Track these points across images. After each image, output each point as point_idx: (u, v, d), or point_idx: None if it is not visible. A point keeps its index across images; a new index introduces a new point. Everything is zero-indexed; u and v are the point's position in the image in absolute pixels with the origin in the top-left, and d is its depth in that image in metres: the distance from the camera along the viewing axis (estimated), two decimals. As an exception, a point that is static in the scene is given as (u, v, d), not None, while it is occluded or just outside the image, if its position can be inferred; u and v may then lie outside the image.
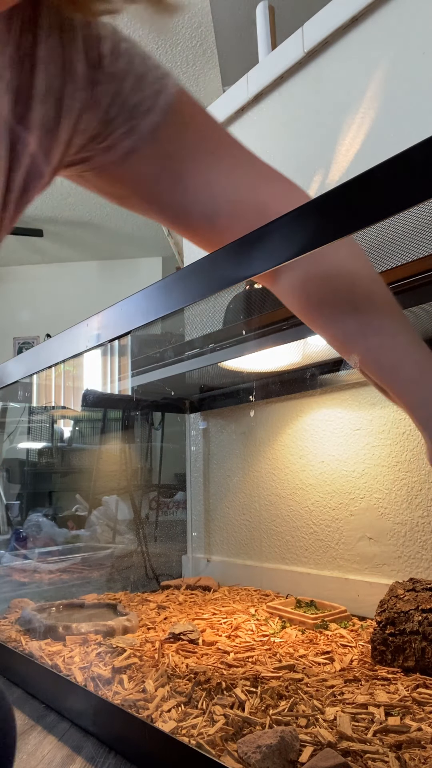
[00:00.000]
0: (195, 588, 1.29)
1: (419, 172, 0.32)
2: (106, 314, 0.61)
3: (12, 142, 0.40)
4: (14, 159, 0.40)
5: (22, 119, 0.40)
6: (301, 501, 1.21)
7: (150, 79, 0.45)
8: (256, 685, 0.68)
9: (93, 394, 1.40)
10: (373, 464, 1.07)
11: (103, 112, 0.44)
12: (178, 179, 0.47)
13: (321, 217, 0.38)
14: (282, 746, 0.52)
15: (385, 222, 0.36)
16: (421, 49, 1.01)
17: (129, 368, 1.29)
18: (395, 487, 1.03)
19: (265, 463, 1.31)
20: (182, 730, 0.58)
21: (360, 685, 0.68)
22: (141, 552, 1.49)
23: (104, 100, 0.43)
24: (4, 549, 1.90)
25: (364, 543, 1.08)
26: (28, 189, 0.43)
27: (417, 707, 0.61)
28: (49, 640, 0.91)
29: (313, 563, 1.18)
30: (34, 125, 0.41)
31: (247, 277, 0.43)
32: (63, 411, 2.49)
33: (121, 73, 0.44)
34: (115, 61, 0.44)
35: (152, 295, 0.53)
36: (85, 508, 2.18)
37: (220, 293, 0.50)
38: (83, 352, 0.67)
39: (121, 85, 0.44)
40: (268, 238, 0.41)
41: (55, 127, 0.42)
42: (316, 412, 1.20)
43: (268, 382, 1.28)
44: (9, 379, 0.88)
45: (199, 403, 1.49)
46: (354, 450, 1.11)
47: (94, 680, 0.73)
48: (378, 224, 0.35)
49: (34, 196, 0.44)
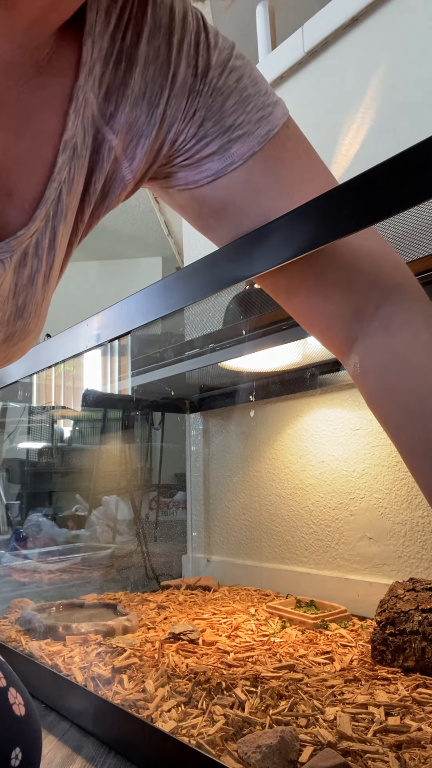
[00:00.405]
0: (195, 588, 1.29)
1: (419, 172, 0.32)
2: (106, 314, 0.61)
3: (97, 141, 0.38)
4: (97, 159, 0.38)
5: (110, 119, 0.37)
6: (301, 501, 1.21)
7: (256, 102, 0.42)
8: (256, 685, 0.68)
9: (93, 394, 1.40)
10: (373, 464, 1.07)
11: (197, 126, 0.41)
12: (265, 215, 0.42)
13: (321, 217, 0.38)
14: (282, 746, 0.52)
15: (385, 222, 0.36)
16: (421, 49, 1.01)
17: (129, 368, 1.29)
18: (395, 487, 1.03)
19: (265, 463, 1.31)
20: (182, 730, 0.58)
21: (360, 685, 0.68)
22: (141, 552, 1.49)
23: (201, 114, 0.40)
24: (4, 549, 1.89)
25: (364, 543, 1.08)
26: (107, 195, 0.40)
27: (417, 707, 0.61)
28: (49, 640, 0.91)
29: (313, 563, 1.18)
30: (122, 128, 0.38)
31: (247, 277, 0.43)
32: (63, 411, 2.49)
33: (227, 89, 0.41)
34: (223, 75, 0.41)
35: (152, 295, 0.53)
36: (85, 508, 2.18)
37: (220, 293, 0.50)
38: (83, 352, 0.67)
39: (224, 102, 0.41)
40: (268, 238, 0.41)
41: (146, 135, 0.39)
42: (316, 412, 1.20)
43: (268, 382, 1.28)
44: (9, 379, 0.88)
45: (199, 403, 1.49)
46: (354, 450, 1.11)
47: (94, 680, 0.73)
48: (378, 224, 0.35)
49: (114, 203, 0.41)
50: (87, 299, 3.95)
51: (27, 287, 0.38)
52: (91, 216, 0.41)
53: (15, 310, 0.38)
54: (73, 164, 0.37)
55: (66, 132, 0.35)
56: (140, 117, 0.39)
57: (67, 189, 0.37)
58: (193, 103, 0.40)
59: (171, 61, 0.39)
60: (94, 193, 0.39)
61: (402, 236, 0.78)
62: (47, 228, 0.37)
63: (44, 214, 0.36)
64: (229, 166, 0.42)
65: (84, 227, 0.41)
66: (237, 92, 0.41)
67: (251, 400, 1.33)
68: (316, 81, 1.22)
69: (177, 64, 0.39)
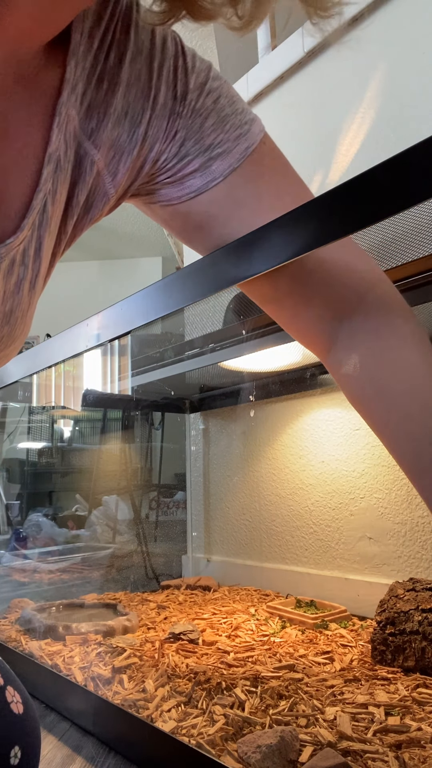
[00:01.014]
0: (195, 588, 1.29)
1: (419, 172, 0.32)
2: (106, 314, 0.61)
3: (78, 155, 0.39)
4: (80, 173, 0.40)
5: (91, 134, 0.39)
6: (301, 501, 1.21)
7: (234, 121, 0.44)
8: (256, 685, 0.68)
9: (93, 394, 1.40)
10: (373, 464, 1.07)
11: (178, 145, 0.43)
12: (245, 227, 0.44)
13: (321, 217, 0.38)
14: (282, 746, 0.52)
15: (384, 222, 0.36)
16: (421, 49, 1.01)
17: (129, 368, 1.29)
18: (395, 487, 1.03)
19: (265, 463, 1.31)
20: (182, 729, 0.58)
21: (360, 685, 0.68)
22: (141, 552, 1.49)
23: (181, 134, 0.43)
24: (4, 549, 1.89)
25: (364, 543, 1.08)
26: (90, 208, 0.42)
27: (417, 707, 0.62)
28: (49, 639, 0.91)
29: (313, 563, 1.18)
30: (104, 144, 0.40)
31: (247, 277, 0.43)
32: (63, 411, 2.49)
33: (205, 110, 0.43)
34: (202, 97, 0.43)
35: (152, 295, 0.53)
36: (85, 508, 2.18)
37: (220, 293, 0.50)
38: (83, 352, 0.67)
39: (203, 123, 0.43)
40: (268, 238, 0.41)
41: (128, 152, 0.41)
42: (316, 412, 1.20)
43: (268, 382, 1.28)
44: (9, 379, 0.88)
45: (199, 403, 1.49)
46: (354, 450, 1.11)
47: (94, 680, 0.73)
48: (378, 224, 0.35)
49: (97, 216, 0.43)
50: (87, 299, 3.95)
51: (14, 294, 0.39)
52: (74, 228, 0.42)
53: (2, 317, 0.39)
54: (56, 176, 0.38)
55: (50, 145, 0.37)
56: (122, 135, 0.40)
57: (52, 200, 0.38)
58: (174, 124, 0.42)
59: (152, 85, 0.41)
60: (77, 206, 0.41)
61: (402, 236, 0.78)
62: (33, 237, 0.38)
63: (31, 223, 0.38)
64: (210, 182, 0.44)
65: (67, 238, 0.42)
66: (215, 112, 0.43)
67: (251, 400, 1.33)
68: (316, 81, 1.22)
69: (158, 88, 0.41)
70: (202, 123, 0.43)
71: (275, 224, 0.41)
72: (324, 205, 0.38)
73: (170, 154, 0.43)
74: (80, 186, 0.40)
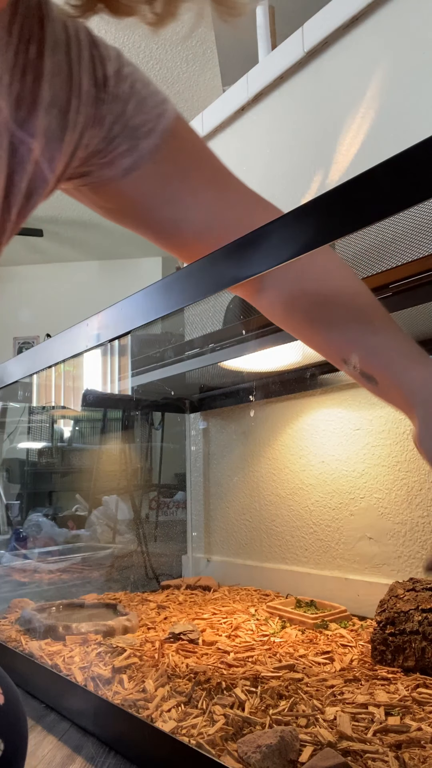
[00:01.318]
0: (195, 588, 1.29)
1: (419, 172, 0.32)
2: (106, 314, 0.61)
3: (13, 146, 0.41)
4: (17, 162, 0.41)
5: (24, 124, 0.41)
6: (301, 501, 1.21)
7: (151, 103, 0.47)
8: (256, 685, 0.68)
9: (93, 394, 1.39)
10: (373, 464, 1.07)
11: (106, 130, 0.45)
12: (173, 198, 0.49)
13: (321, 217, 0.38)
14: (282, 746, 0.52)
15: (384, 222, 0.36)
16: (421, 49, 1.01)
17: (129, 368, 1.29)
18: (395, 487, 1.03)
19: (265, 463, 1.31)
20: (182, 729, 0.58)
21: (360, 685, 0.68)
22: (141, 552, 1.49)
23: (108, 119, 0.45)
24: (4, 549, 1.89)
25: (364, 543, 1.08)
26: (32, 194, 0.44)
27: (417, 707, 0.62)
28: (49, 640, 0.91)
29: (313, 563, 1.18)
30: (37, 132, 0.42)
31: (247, 278, 0.43)
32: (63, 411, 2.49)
33: (125, 95, 0.46)
34: (119, 83, 0.46)
35: (152, 295, 0.53)
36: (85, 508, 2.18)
37: (220, 293, 0.50)
38: (83, 352, 0.67)
39: (125, 107, 0.46)
40: (268, 238, 0.41)
41: (60, 138, 0.43)
42: (316, 412, 1.20)
43: (268, 382, 1.28)
44: (9, 379, 0.88)
45: (199, 403, 1.49)
46: (354, 450, 1.11)
47: (94, 680, 0.73)
48: (378, 224, 0.35)
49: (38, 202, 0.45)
50: (87, 299, 3.96)
51: None
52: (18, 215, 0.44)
53: None
54: None
55: None
56: (53, 123, 0.43)
57: None
58: (100, 110, 0.45)
59: (73, 74, 0.43)
60: (18, 193, 0.43)
61: (402, 236, 0.78)
62: None
63: None
64: (138, 160, 0.47)
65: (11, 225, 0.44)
66: (135, 96, 0.46)
67: (251, 400, 1.33)
68: (316, 81, 1.22)
69: (79, 76, 0.44)
70: (124, 106, 0.46)
71: (275, 224, 0.41)
72: (324, 205, 0.38)
73: (100, 137, 0.46)
74: (20, 174, 0.42)
